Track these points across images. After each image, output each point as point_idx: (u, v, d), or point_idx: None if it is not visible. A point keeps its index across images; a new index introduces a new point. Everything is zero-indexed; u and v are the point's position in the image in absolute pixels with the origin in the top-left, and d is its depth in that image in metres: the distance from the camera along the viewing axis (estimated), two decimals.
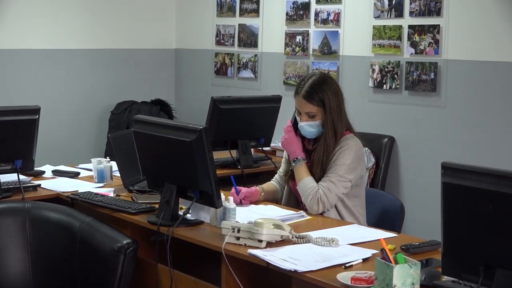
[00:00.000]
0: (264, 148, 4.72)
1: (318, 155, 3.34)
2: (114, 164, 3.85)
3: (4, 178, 3.61)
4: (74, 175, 4.04)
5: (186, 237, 2.96)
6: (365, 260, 2.60)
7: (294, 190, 3.42)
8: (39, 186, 3.72)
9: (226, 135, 4.49)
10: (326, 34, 5.42)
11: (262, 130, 4.64)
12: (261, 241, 2.73)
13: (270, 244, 2.76)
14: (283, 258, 2.61)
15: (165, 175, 3.14)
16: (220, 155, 4.52)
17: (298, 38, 5.60)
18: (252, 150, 4.61)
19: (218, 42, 6.28)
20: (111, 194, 3.55)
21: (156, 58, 6.57)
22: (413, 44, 4.89)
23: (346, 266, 2.53)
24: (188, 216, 3.08)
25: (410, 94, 4.95)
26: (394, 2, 5.00)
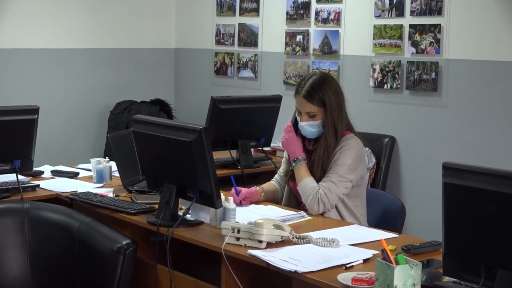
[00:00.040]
0: (264, 148, 4.72)
1: (318, 155, 3.33)
2: (113, 164, 3.85)
3: (2, 178, 3.62)
4: (73, 175, 4.04)
5: (186, 237, 2.95)
6: (365, 260, 2.60)
7: (295, 190, 3.42)
8: (38, 186, 3.72)
9: (226, 135, 4.48)
10: (326, 33, 5.41)
11: (262, 130, 4.63)
12: (261, 241, 2.73)
13: (270, 244, 2.76)
14: (283, 259, 2.60)
15: (164, 175, 3.13)
16: (220, 155, 4.52)
17: (299, 37, 5.58)
18: (252, 150, 4.61)
19: (218, 42, 6.27)
20: (111, 195, 3.54)
21: (155, 58, 6.56)
22: (414, 43, 4.88)
23: (346, 267, 2.53)
24: (187, 216, 3.07)
25: (411, 94, 4.94)
26: (395, 1, 4.98)
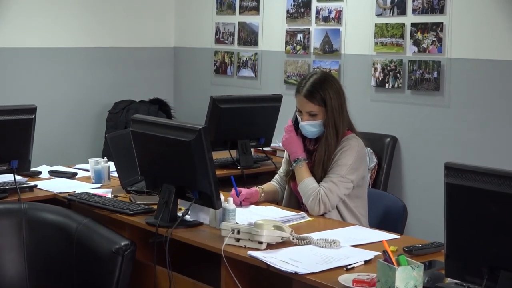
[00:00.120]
0: (264, 148, 4.71)
1: (319, 155, 3.32)
2: (111, 164, 3.85)
3: (0, 178, 3.60)
4: (71, 176, 4.03)
5: (185, 238, 2.95)
6: (367, 262, 2.60)
7: (295, 190, 3.41)
8: (36, 186, 3.71)
9: (226, 135, 4.47)
10: (327, 32, 5.39)
11: (262, 130, 4.63)
12: (261, 242, 2.73)
13: (270, 245, 2.75)
14: (284, 260, 2.59)
15: (163, 176, 3.13)
16: (219, 155, 4.51)
17: (299, 36, 5.57)
18: (252, 150, 4.60)
19: (217, 41, 6.25)
20: (109, 195, 3.54)
21: (154, 57, 6.55)
22: (416, 42, 4.86)
23: (347, 268, 2.52)
24: (187, 217, 3.07)
25: (413, 93, 4.92)
26: None
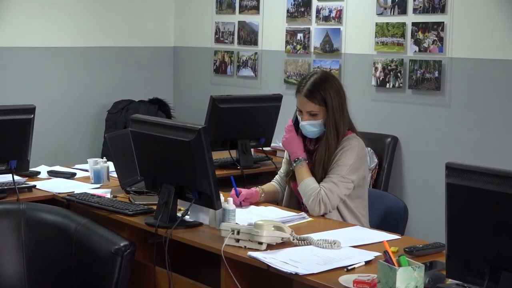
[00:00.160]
0: (264, 148, 4.71)
1: (319, 155, 3.31)
2: (111, 164, 3.85)
3: None
4: (70, 176, 4.03)
5: (185, 239, 2.94)
6: (367, 262, 2.59)
7: (295, 191, 3.40)
8: (34, 187, 3.71)
9: (226, 135, 4.47)
10: (327, 31, 5.38)
11: (262, 130, 4.62)
12: (261, 243, 2.72)
13: (270, 246, 2.75)
14: (284, 261, 2.59)
15: (163, 176, 3.12)
16: (219, 156, 4.51)
17: (299, 35, 5.55)
18: (252, 150, 4.60)
19: (217, 40, 6.24)
20: (108, 195, 3.54)
21: (154, 56, 6.54)
22: (416, 41, 4.85)
23: (348, 269, 2.52)
24: (186, 217, 3.06)
25: (414, 93, 4.91)
26: None
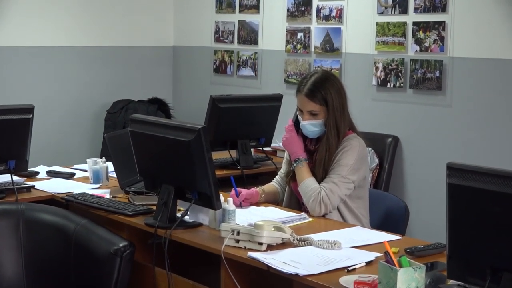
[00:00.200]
0: (264, 148, 4.70)
1: (320, 156, 3.30)
2: (110, 164, 3.83)
3: None
4: (69, 176, 4.03)
5: (184, 239, 2.94)
6: (368, 263, 2.59)
7: (296, 191, 3.39)
8: (33, 187, 3.70)
9: (226, 135, 4.46)
10: (328, 31, 5.37)
11: (262, 130, 4.61)
12: (261, 243, 2.72)
13: (270, 247, 2.74)
14: (284, 261, 2.58)
15: (162, 176, 3.12)
16: (219, 156, 4.50)
17: (300, 35, 5.54)
18: (252, 150, 4.59)
19: (217, 39, 6.23)
20: (107, 196, 3.53)
21: (153, 56, 6.54)
22: (417, 41, 4.84)
23: (348, 270, 2.52)
24: (186, 218, 3.06)
25: (415, 93, 4.90)
26: None
